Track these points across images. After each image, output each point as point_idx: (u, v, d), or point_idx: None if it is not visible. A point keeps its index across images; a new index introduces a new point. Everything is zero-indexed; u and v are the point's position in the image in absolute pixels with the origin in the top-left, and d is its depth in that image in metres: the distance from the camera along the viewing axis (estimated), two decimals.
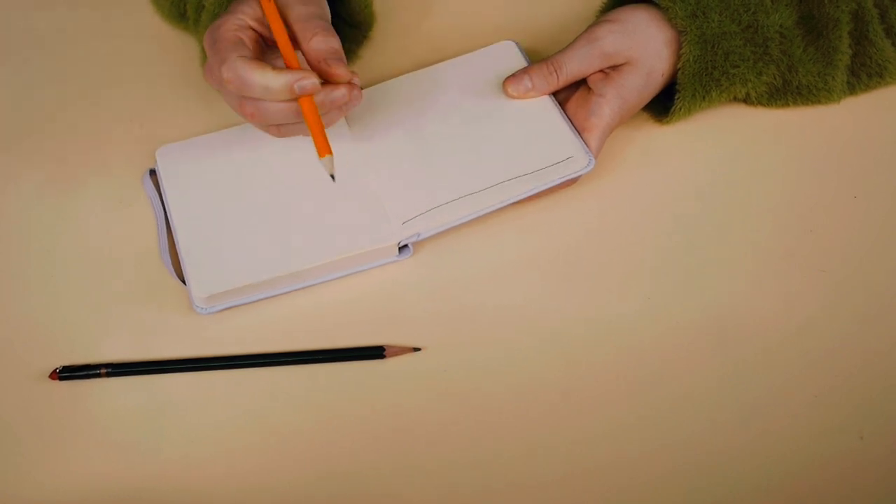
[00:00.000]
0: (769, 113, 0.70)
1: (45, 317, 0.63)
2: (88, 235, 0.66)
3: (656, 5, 0.66)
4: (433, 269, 0.64)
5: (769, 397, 0.59)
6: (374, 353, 0.60)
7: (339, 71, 0.59)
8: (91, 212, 0.67)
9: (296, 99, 0.58)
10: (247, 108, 0.59)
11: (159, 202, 0.67)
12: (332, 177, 0.59)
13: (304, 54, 0.60)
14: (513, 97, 0.68)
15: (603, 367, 0.60)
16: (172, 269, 0.64)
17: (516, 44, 0.71)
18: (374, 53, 0.75)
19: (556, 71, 0.66)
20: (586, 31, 0.66)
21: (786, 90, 0.69)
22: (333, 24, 0.63)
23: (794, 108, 0.70)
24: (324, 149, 0.58)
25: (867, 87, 0.70)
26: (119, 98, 0.71)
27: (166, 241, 0.65)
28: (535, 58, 0.72)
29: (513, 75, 0.68)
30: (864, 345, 0.61)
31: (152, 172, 0.68)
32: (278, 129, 0.62)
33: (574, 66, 0.66)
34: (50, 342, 0.62)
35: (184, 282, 0.63)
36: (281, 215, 0.64)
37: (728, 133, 0.70)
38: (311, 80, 0.57)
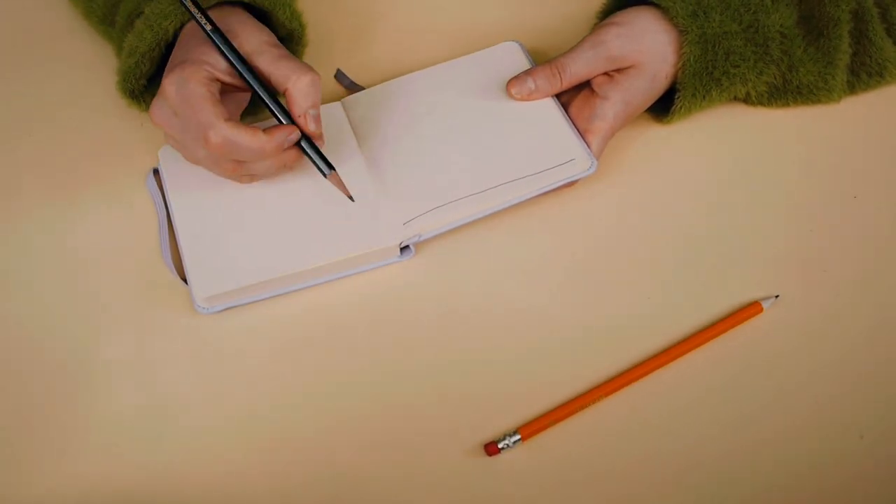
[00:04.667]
0: (769, 113, 0.70)
1: (46, 316, 0.63)
2: (91, 235, 0.66)
3: (657, 6, 0.66)
4: (434, 269, 0.64)
5: (770, 397, 0.59)
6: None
7: (315, 130, 0.61)
8: (93, 211, 0.67)
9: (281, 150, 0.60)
10: (230, 167, 0.60)
11: (162, 202, 0.67)
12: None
13: (285, 97, 0.61)
14: (516, 99, 0.67)
15: (604, 367, 0.60)
16: (174, 269, 0.64)
17: (520, 45, 0.71)
18: (377, 53, 0.74)
19: (560, 73, 0.66)
20: (591, 33, 0.66)
21: (786, 90, 0.69)
22: None
23: (794, 108, 0.70)
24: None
25: (867, 87, 0.70)
26: (122, 98, 0.71)
27: (168, 241, 0.65)
28: (539, 58, 0.72)
29: (516, 77, 0.67)
30: (864, 345, 0.61)
31: (156, 172, 0.68)
32: (252, 177, 0.63)
33: (578, 68, 0.66)
34: (51, 341, 0.62)
35: (185, 281, 0.63)
36: (283, 215, 0.64)
37: (728, 133, 0.70)
38: (297, 133, 0.60)
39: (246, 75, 0.60)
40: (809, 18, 0.67)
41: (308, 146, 0.61)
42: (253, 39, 0.61)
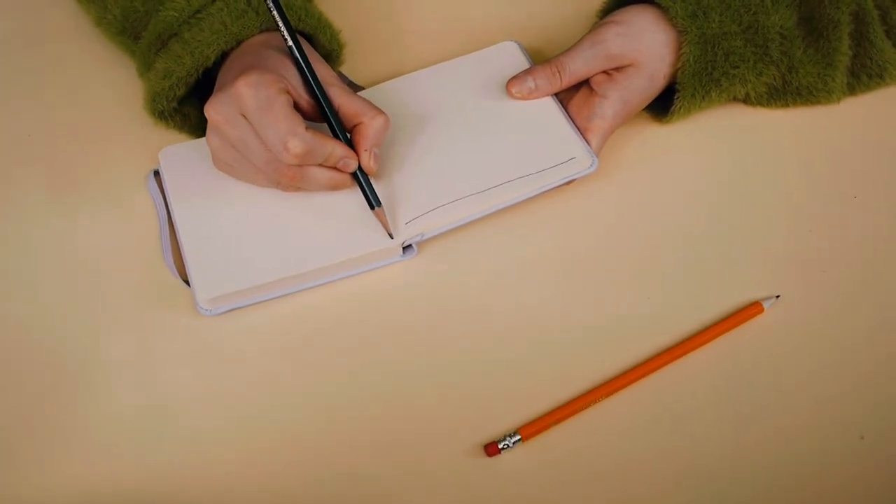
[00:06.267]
0: (769, 113, 0.70)
1: (46, 316, 0.63)
2: (91, 236, 0.66)
3: (657, 5, 0.66)
4: (435, 269, 0.64)
5: (770, 397, 0.59)
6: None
7: (374, 168, 0.62)
8: (94, 212, 0.67)
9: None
10: (290, 174, 0.61)
11: (162, 203, 0.67)
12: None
13: (351, 134, 0.63)
14: (516, 98, 0.68)
15: (604, 367, 0.60)
16: (176, 271, 0.64)
17: (518, 44, 0.71)
18: (376, 53, 0.75)
19: (559, 72, 0.66)
20: (590, 32, 0.67)
21: (786, 91, 0.69)
22: None
23: (794, 108, 0.70)
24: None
25: (867, 88, 0.70)
26: (122, 98, 0.71)
27: (169, 243, 0.65)
28: (538, 58, 0.72)
29: (516, 76, 0.68)
30: (864, 345, 0.61)
31: (157, 174, 0.68)
32: (299, 187, 0.63)
33: (578, 67, 0.66)
34: (52, 341, 0.62)
35: (187, 283, 0.63)
36: (285, 216, 0.64)
37: (728, 133, 0.70)
38: (355, 162, 0.62)
39: (323, 100, 0.61)
40: (809, 20, 0.67)
41: (362, 178, 0.62)
42: (323, 70, 0.63)
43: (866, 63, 0.68)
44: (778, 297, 0.62)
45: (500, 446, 0.57)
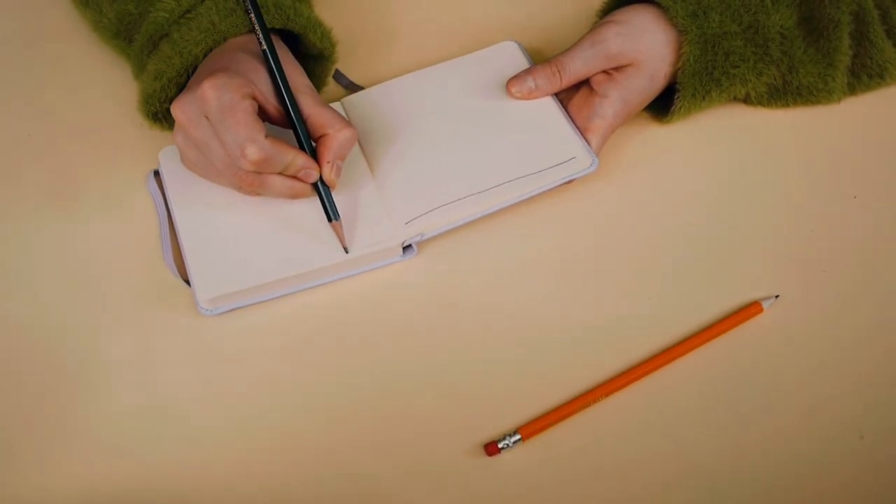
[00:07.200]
0: (769, 113, 0.70)
1: (47, 316, 0.63)
2: (91, 236, 0.66)
3: (657, 5, 0.66)
4: (437, 269, 0.64)
5: (769, 397, 0.59)
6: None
7: (334, 180, 0.62)
8: (94, 212, 0.67)
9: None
10: (249, 179, 0.60)
11: (163, 203, 0.67)
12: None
13: (316, 144, 0.62)
14: (516, 98, 0.67)
15: (604, 367, 0.60)
16: (176, 271, 0.64)
17: (518, 44, 0.71)
18: (376, 53, 0.75)
19: (559, 72, 0.66)
20: (590, 32, 0.67)
21: (786, 91, 0.69)
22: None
23: (794, 108, 0.70)
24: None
25: (867, 88, 0.70)
26: (122, 98, 0.71)
27: (169, 243, 0.65)
28: (537, 58, 0.72)
29: (516, 76, 0.68)
30: (864, 345, 0.61)
31: (157, 174, 0.68)
32: (259, 193, 0.63)
33: (578, 66, 0.66)
34: (52, 341, 0.62)
35: (187, 283, 0.63)
36: (285, 216, 0.64)
37: (728, 133, 0.70)
38: (316, 173, 0.61)
39: (292, 109, 0.61)
40: (810, 19, 0.67)
41: (323, 189, 0.62)
42: (295, 78, 0.62)
43: (867, 63, 0.68)
44: (777, 297, 0.62)
45: (500, 446, 0.57)
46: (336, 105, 0.69)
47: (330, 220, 0.62)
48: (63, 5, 0.77)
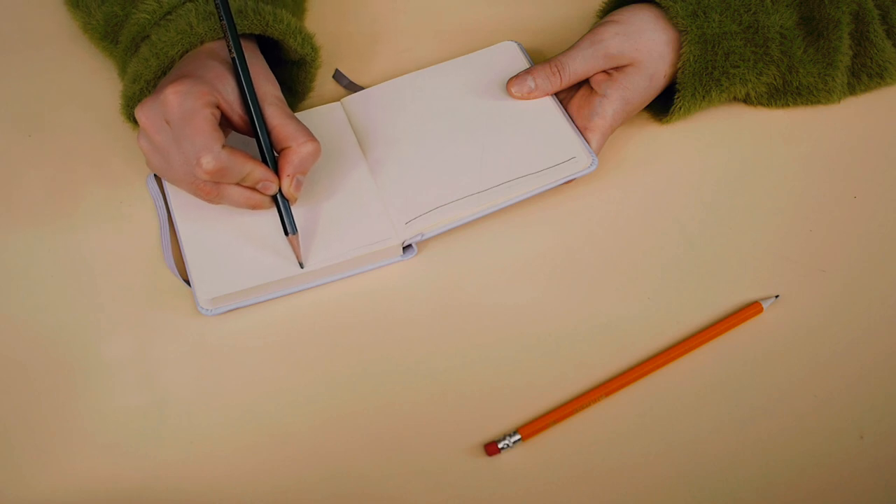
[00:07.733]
0: (769, 113, 0.70)
1: (47, 317, 0.63)
2: (91, 236, 0.66)
3: (657, 5, 0.66)
4: (437, 269, 0.64)
5: (770, 397, 0.59)
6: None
7: (294, 195, 0.61)
8: (94, 213, 0.67)
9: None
10: (206, 188, 0.60)
11: (162, 204, 0.67)
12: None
13: (279, 156, 0.61)
14: (516, 98, 0.68)
15: (604, 367, 0.60)
16: (176, 271, 0.64)
17: (518, 44, 0.71)
18: (375, 53, 0.75)
19: (559, 71, 0.66)
20: (590, 32, 0.67)
21: (786, 91, 0.69)
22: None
23: (794, 108, 0.70)
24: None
25: (867, 88, 0.70)
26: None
27: (170, 243, 0.65)
28: (537, 58, 0.72)
29: (516, 76, 0.68)
30: (864, 345, 0.61)
31: (156, 174, 0.68)
32: (219, 202, 0.62)
33: (577, 66, 0.66)
34: (53, 341, 0.62)
35: (188, 283, 0.63)
36: None
37: (728, 133, 0.70)
38: (276, 187, 0.61)
39: (257, 119, 0.60)
40: (810, 20, 0.67)
41: (282, 202, 0.61)
42: (264, 87, 0.62)
43: (866, 63, 0.68)
44: (777, 297, 0.62)
45: (500, 446, 0.57)
46: (336, 105, 0.69)
47: (287, 233, 0.61)
48: (63, 6, 0.77)
